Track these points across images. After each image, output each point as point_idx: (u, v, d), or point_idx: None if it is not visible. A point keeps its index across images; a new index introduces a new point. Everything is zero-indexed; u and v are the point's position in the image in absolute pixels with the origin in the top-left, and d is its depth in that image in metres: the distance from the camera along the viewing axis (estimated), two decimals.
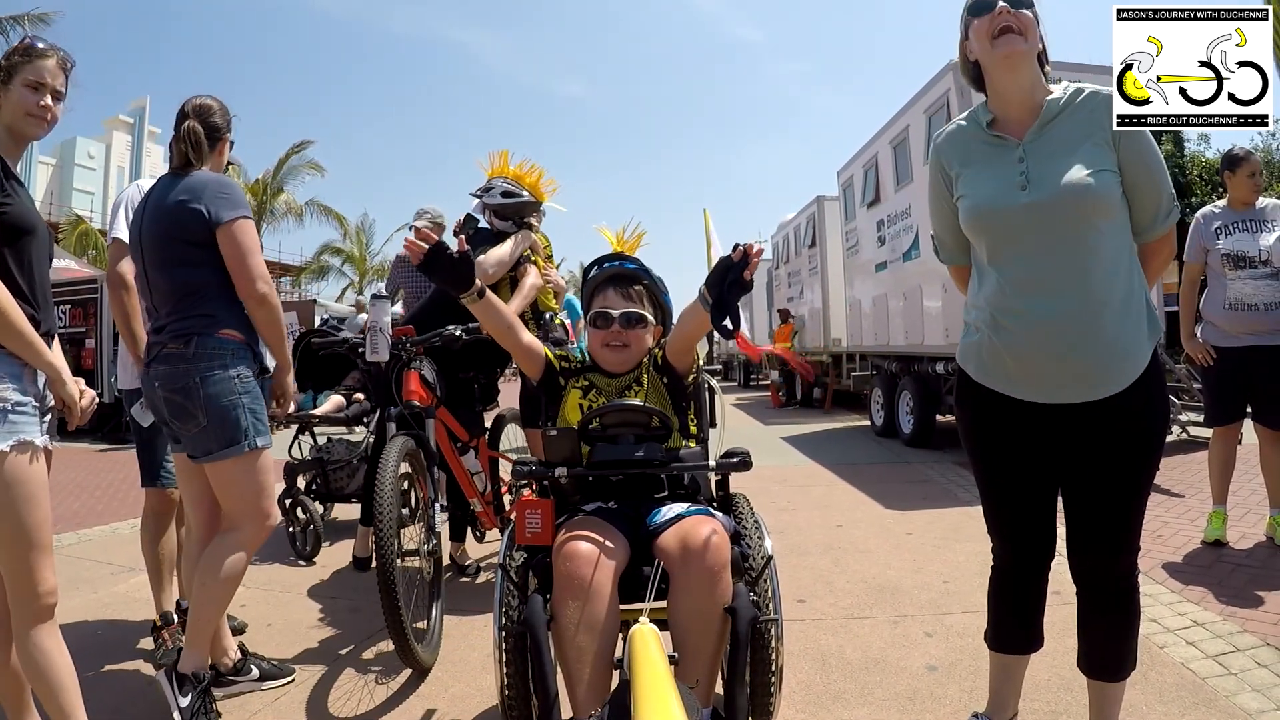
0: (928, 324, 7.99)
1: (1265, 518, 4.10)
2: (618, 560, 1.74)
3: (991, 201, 1.85)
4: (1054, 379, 1.82)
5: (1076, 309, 1.77)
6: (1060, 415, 1.85)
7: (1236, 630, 2.86)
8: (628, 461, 1.87)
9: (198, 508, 2.61)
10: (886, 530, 4.75)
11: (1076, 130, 1.82)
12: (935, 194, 2.05)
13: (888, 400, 9.19)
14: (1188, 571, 3.59)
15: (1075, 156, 1.78)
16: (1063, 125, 1.83)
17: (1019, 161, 1.84)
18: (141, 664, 2.94)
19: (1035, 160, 1.82)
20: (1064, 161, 1.79)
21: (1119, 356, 1.79)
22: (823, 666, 2.74)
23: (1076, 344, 1.77)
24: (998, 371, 1.91)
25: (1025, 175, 1.82)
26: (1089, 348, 1.77)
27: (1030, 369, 1.84)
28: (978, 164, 1.92)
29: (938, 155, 2.02)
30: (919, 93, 7.87)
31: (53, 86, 2.06)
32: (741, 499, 2.07)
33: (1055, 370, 1.81)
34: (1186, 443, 7.01)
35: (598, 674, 1.63)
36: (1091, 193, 1.75)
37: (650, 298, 2.25)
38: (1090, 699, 1.99)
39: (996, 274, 1.88)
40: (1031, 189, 1.80)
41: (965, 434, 2.06)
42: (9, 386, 1.87)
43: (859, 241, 10.30)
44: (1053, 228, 1.78)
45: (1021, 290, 1.82)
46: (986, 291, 1.91)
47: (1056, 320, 1.78)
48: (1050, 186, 1.78)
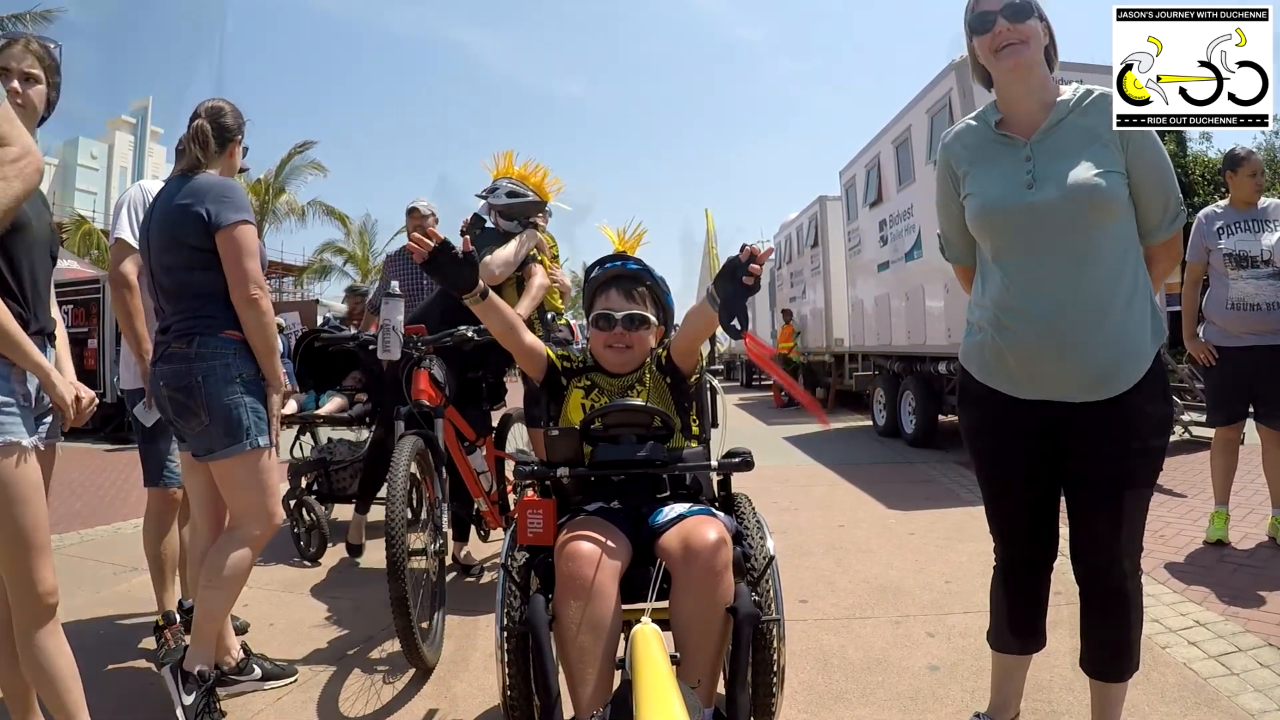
0: (930, 324, 7.99)
1: (1268, 518, 4.10)
2: (620, 560, 1.75)
3: (998, 200, 1.86)
4: (1055, 378, 1.82)
5: (1078, 309, 1.77)
6: (1062, 415, 1.85)
7: (1239, 630, 2.86)
8: (630, 461, 1.87)
9: (203, 506, 2.64)
10: (889, 530, 4.75)
11: (1085, 131, 1.82)
12: (942, 192, 2.06)
13: (890, 400, 9.18)
14: (1190, 572, 3.59)
15: (1083, 157, 1.79)
16: (1071, 126, 1.83)
17: (1026, 160, 1.84)
18: (144, 663, 2.95)
19: (1042, 160, 1.82)
20: (1071, 161, 1.79)
21: (1121, 357, 1.79)
22: (825, 666, 2.74)
23: (1078, 344, 1.77)
24: (1000, 371, 1.91)
25: (1032, 174, 1.82)
26: (1090, 348, 1.77)
27: (1032, 368, 1.84)
28: (985, 163, 1.92)
29: (946, 154, 2.03)
30: (921, 93, 7.87)
31: (20, 70, 2.04)
32: (743, 499, 2.07)
33: (1056, 370, 1.81)
34: (1189, 443, 7.00)
35: (600, 674, 1.63)
36: (1099, 193, 1.75)
37: (652, 298, 2.25)
38: (1092, 700, 1.99)
39: (1000, 273, 1.88)
40: (1038, 188, 1.80)
41: (967, 433, 2.06)
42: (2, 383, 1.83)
43: (861, 241, 10.30)
44: (1057, 227, 1.79)
45: (1025, 289, 1.83)
46: (991, 291, 1.92)
47: (1058, 320, 1.78)
48: (1057, 186, 1.78)
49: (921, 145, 7.86)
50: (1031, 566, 2.04)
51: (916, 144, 8.04)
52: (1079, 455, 1.86)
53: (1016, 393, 1.89)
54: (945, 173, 2.04)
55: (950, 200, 2.04)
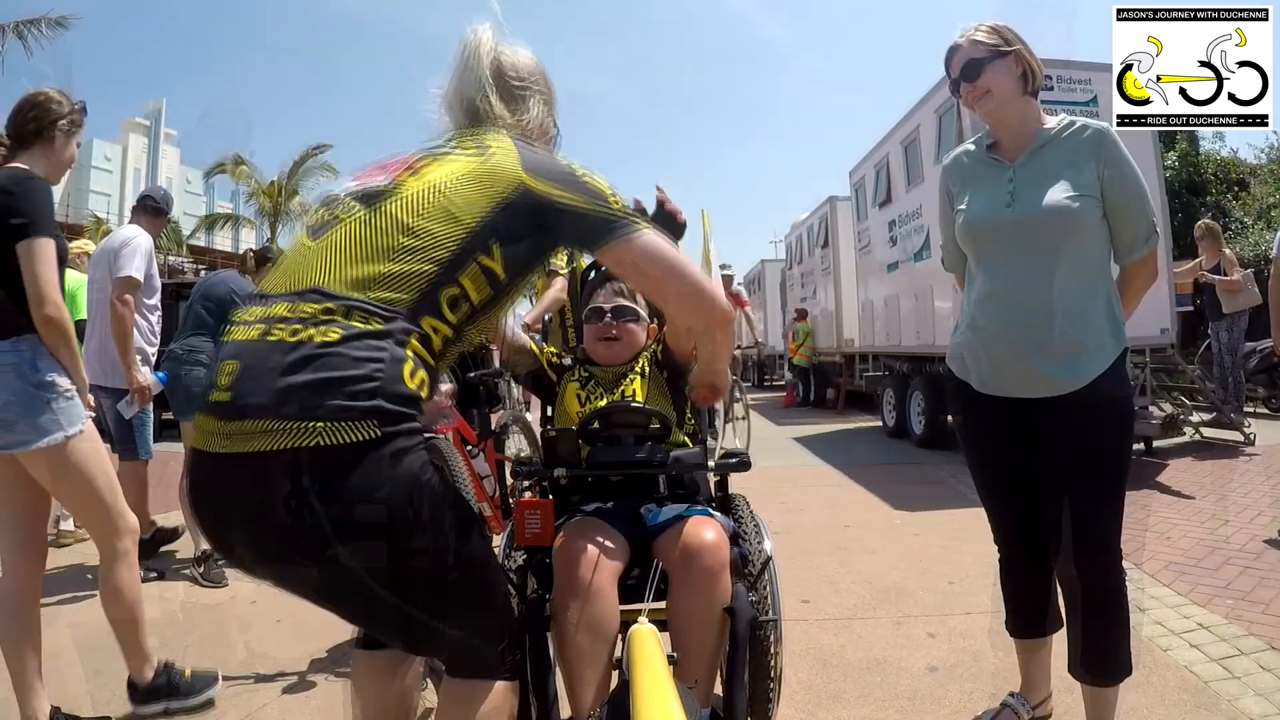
0: (939, 324, 7.96)
1: (1274, 520, 4.07)
2: (618, 561, 1.75)
3: (979, 216, 2.07)
4: (1016, 375, 2.00)
5: (1034, 315, 1.96)
6: (1029, 413, 2.00)
7: (1241, 634, 2.85)
8: (627, 462, 1.88)
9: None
10: (894, 531, 4.75)
11: (1064, 157, 1.98)
12: (942, 209, 2.28)
13: (899, 401, 9.15)
14: (1194, 574, 3.57)
15: (1060, 180, 1.96)
16: (1052, 152, 2.00)
17: (1009, 181, 2.03)
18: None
19: (1023, 182, 2.01)
20: (1048, 184, 1.96)
21: (1071, 356, 1.94)
22: (823, 666, 2.75)
23: (1033, 346, 1.96)
24: (975, 369, 2.11)
25: (1012, 194, 2.01)
26: (1043, 349, 1.95)
27: (998, 366, 2.04)
28: (974, 183, 2.13)
29: (944, 176, 2.26)
30: (929, 92, 7.84)
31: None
32: (741, 500, 2.08)
33: (1014, 368, 2.00)
34: (1197, 444, 6.95)
35: (598, 674, 1.64)
36: (1070, 214, 1.93)
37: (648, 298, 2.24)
38: (1085, 706, 2.03)
39: (979, 280, 2.09)
40: (1016, 206, 2.00)
41: (958, 430, 2.27)
42: (66, 381, 2.33)
43: (871, 241, 10.28)
44: (1028, 241, 1.97)
45: (994, 295, 2.03)
46: (972, 295, 2.13)
47: (1017, 324, 1.98)
48: (1033, 205, 1.97)
49: (930, 145, 7.84)
50: (1029, 558, 2.15)
51: (925, 144, 8.02)
52: (1043, 452, 2.00)
53: (985, 389, 2.08)
54: (944, 192, 2.25)
55: (946, 217, 2.25)
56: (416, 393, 1.20)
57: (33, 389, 2.25)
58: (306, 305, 1.19)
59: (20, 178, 2.32)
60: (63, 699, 2.44)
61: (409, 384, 1.18)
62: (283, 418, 1.09)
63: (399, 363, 1.18)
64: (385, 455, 1.13)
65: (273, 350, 1.15)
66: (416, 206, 1.27)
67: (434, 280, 1.24)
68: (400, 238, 1.25)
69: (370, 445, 1.11)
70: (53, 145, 2.47)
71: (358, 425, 1.10)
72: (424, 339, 1.24)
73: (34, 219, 2.24)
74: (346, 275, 1.22)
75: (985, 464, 2.18)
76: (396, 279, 1.22)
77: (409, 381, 1.18)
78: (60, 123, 2.47)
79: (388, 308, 1.20)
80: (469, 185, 1.30)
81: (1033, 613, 2.17)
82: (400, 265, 1.23)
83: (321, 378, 1.12)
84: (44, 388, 2.27)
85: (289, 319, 1.17)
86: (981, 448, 2.17)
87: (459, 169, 1.33)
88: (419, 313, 1.23)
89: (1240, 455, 6.38)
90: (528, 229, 1.33)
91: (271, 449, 1.08)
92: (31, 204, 2.26)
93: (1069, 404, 1.93)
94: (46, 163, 2.46)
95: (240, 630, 3.30)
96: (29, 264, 2.22)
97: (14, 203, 2.25)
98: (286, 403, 1.10)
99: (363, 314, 1.18)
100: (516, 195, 1.31)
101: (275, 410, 1.10)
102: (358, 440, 1.10)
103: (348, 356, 1.13)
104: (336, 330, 1.15)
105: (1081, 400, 1.92)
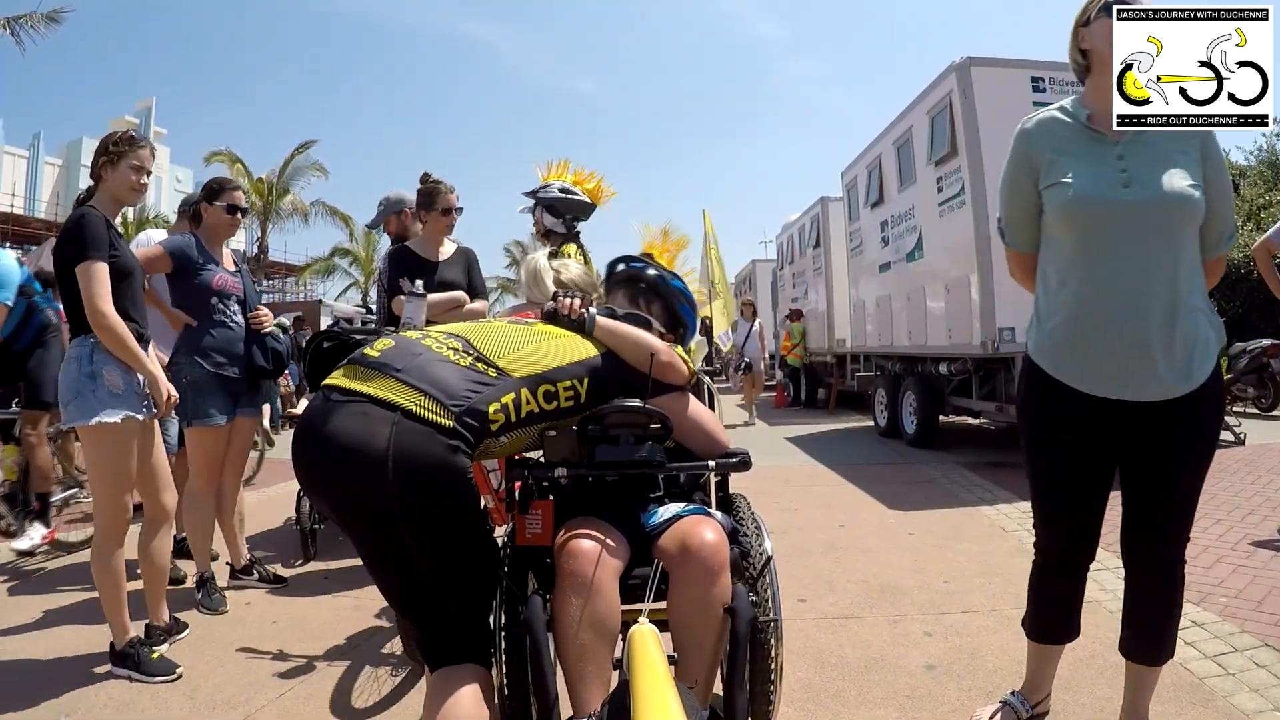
0: (931, 324, 7.98)
1: (1266, 519, 4.10)
2: (619, 559, 1.75)
3: (1091, 192, 1.89)
4: (1136, 376, 1.88)
5: (1163, 310, 1.85)
6: (1131, 411, 1.92)
7: (1235, 631, 2.86)
8: (627, 462, 1.87)
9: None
10: (888, 530, 4.75)
11: (1173, 143, 1.89)
12: (1014, 179, 2.07)
13: (891, 401, 9.17)
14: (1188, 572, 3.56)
15: (1173, 166, 1.87)
16: (1161, 135, 1.89)
17: (1118, 159, 1.90)
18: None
19: (1135, 161, 1.89)
20: (1163, 168, 1.87)
21: (1196, 357, 1.88)
22: (822, 665, 2.75)
23: (1156, 345, 1.85)
24: (1074, 366, 1.96)
25: (1127, 174, 1.88)
26: (1171, 347, 1.86)
27: (1115, 364, 1.90)
28: (1074, 155, 1.95)
29: (1027, 140, 2.04)
30: (922, 94, 7.86)
31: (147, 168, 2.91)
32: (740, 499, 2.08)
33: (1140, 366, 1.87)
34: None
35: (598, 673, 1.63)
36: (1193, 204, 1.85)
37: (663, 307, 2.19)
38: (1126, 681, 2.09)
39: (1084, 269, 1.92)
40: (1134, 188, 1.86)
41: (1030, 426, 2.10)
42: (120, 378, 2.76)
43: (863, 242, 10.30)
44: (1152, 228, 1.85)
45: (1113, 286, 1.88)
46: (1073, 286, 1.95)
47: (1144, 318, 1.85)
48: (1153, 189, 1.85)
49: (922, 146, 7.86)
50: (1069, 563, 2.12)
51: (917, 145, 8.03)
52: (1143, 449, 1.94)
53: (1090, 388, 1.94)
54: (1022, 159, 2.04)
55: (1021, 187, 2.05)
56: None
57: (84, 378, 2.73)
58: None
59: (74, 216, 2.77)
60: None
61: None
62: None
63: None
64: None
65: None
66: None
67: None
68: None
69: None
70: (105, 179, 2.88)
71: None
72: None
73: (82, 247, 2.69)
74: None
75: (1064, 460, 2.02)
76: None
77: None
78: (102, 159, 2.88)
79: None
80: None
81: (1060, 621, 2.16)
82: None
83: None
84: (92, 378, 2.73)
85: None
86: (1064, 444, 2.01)
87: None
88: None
89: (1230, 455, 6.41)
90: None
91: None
92: (79, 235, 2.71)
93: (1182, 401, 1.88)
94: (104, 196, 2.89)
95: (239, 631, 3.28)
96: (83, 284, 2.69)
97: (69, 236, 2.73)
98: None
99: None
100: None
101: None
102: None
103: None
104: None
105: (1194, 397, 1.89)
